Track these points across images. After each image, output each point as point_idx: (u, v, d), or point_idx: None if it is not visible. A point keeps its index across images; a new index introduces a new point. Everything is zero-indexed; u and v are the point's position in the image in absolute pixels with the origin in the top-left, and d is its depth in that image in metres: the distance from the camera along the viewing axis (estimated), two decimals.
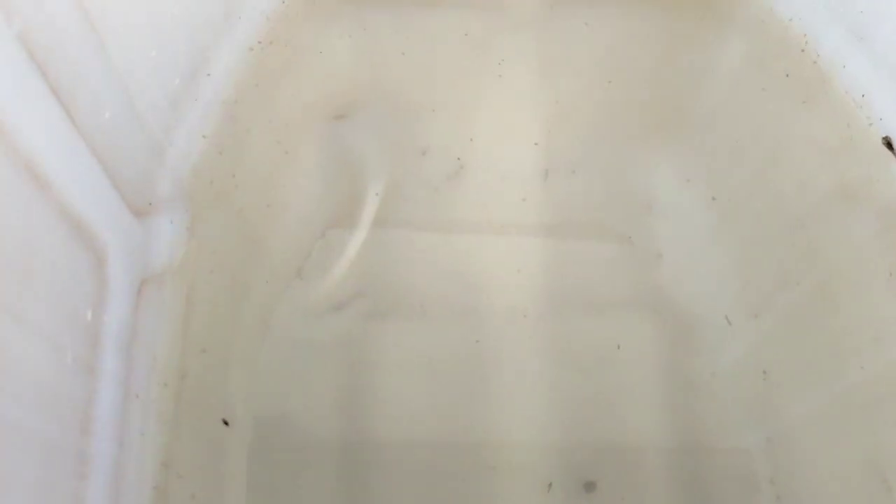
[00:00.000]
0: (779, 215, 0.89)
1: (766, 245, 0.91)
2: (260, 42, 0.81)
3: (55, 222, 0.50)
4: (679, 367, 0.95)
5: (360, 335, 0.95)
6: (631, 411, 0.92)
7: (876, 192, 0.73)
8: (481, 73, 1.00)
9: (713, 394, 0.92)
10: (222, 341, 0.83)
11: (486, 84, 1.01)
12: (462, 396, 0.92)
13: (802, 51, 0.81)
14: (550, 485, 0.87)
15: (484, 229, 1.02)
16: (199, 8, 0.69)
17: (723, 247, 0.98)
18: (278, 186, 0.95)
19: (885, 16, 0.72)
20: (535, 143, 1.03)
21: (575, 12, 0.93)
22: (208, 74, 0.73)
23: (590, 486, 0.87)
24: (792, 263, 0.86)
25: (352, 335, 0.95)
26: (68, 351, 0.51)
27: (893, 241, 0.71)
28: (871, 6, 0.73)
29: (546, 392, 0.92)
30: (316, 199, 1.00)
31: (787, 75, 0.84)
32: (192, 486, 0.68)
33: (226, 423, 0.80)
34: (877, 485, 0.72)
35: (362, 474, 0.87)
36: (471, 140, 1.03)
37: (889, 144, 0.71)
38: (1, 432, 0.44)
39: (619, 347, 0.96)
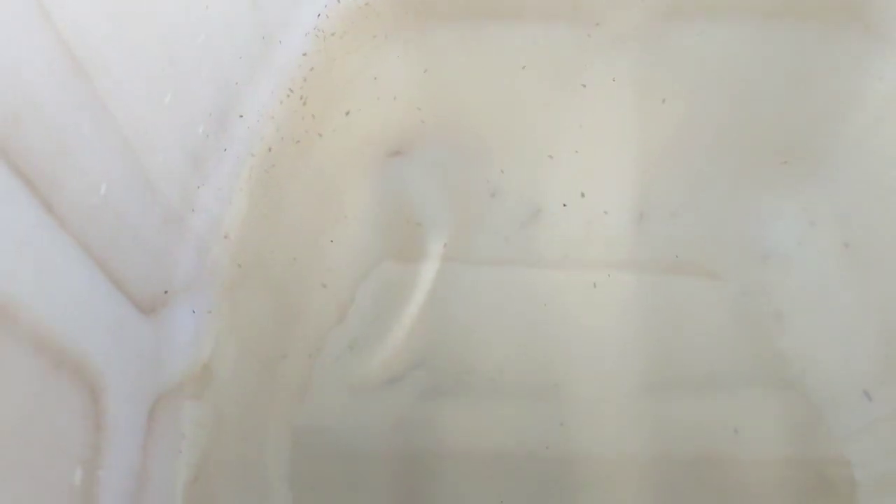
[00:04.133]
0: None
1: None
2: (302, 70, 0.64)
3: (25, 364, 0.33)
4: (807, 455, 0.78)
5: (416, 417, 0.80)
6: None
7: None
8: (567, 100, 0.82)
9: (850, 493, 0.75)
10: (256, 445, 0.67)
11: (571, 113, 0.83)
12: (543, 497, 0.76)
13: None
14: None
15: (564, 286, 0.86)
16: (229, 34, 0.52)
17: (859, 304, 0.80)
18: (322, 240, 0.79)
19: None
20: (629, 181, 0.86)
21: (690, 26, 0.75)
22: (240, 116, 0.57)
23: None
24: None
25: (406, 417, 0.79)
26: None
27: None
28: None
29: (648, 489, 0.76)
30: (366, 252, 0.84)
31: None
32: None
33: None
34: None
35: None
36: (549, 180, 0.86)
37: None
38: None
39: (735, 432, 0.80)
